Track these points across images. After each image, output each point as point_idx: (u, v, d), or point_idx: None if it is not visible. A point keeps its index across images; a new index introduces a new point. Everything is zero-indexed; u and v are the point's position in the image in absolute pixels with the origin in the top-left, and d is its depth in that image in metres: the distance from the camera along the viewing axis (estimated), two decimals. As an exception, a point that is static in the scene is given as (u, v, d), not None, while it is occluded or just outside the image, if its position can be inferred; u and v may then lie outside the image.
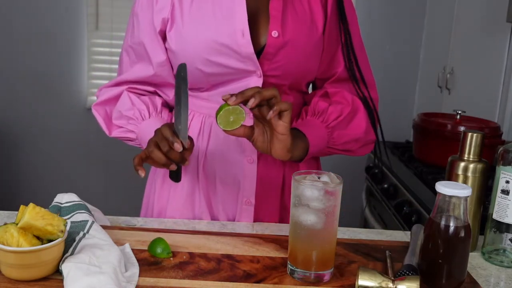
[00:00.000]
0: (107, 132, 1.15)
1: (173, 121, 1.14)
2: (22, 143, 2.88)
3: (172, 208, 1.16)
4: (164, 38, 1.09)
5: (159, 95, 1.17)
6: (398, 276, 0.84)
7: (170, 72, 1.12)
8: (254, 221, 1.13)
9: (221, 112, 0.90)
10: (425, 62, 2.78)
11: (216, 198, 1.14)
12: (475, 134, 0.98)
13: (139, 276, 0.83)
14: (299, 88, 1.15)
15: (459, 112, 1.77)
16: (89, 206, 1.00)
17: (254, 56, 1.04)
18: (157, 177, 1.20)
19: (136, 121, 1.11)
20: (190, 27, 1.05)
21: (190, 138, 0.97)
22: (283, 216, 1.16)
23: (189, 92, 1.14)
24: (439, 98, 2.47)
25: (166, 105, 1.17)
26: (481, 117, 1.83)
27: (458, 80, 2.29)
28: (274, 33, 1.05)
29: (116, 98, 1.15)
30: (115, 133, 1.15)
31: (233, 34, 1.03)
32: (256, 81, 1.07)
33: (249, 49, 1.03)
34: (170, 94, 1.15)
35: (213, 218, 1.15)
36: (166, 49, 1.10)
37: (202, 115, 1.13)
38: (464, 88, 2.25)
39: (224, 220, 1.14)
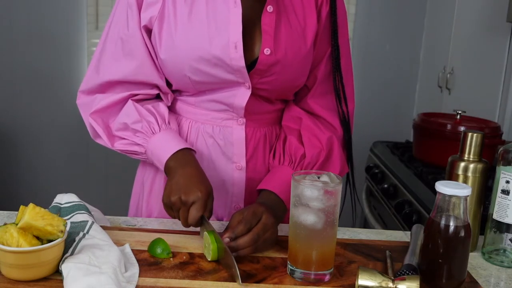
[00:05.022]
0: (109, 144, 1.07)
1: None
2: (22, 143, 2.88)
3: (162, 212, 1.13)
4: (148, 35, 1.05)
5: (159, 100, 1.11)
6: (398, 276, 0.84)
7: (153, 70, 1.06)
8: None
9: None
10: (425, 62, 2.77)
11: None
12: (475, 134, 0.97)
13: (139, 276, 0.83)
14: (286, 98, 1.15)
15: (459, 112, 1.77)
16: (88, 206, 1.00)
17: (245, 70, 1.02)
18: (146, 180, 1.18)
19: (146, 135, 1.05)
20: (182, 34, 1.02)
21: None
22: None
23: (176, 96, 1.13)
24: (439, 98, 2.47)
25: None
26: (481, 117, 1.82)
27: (458, 80, 2.29)
28: (267, 51, 1.03)
29: (113, 105, 1.07)
30: (118, 145, 1.07)
31: (226, 47, 1.00)
32: (244, 92, 1.06)
33: (241, 63, 1.01)
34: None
35: None
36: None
37: (189, 120, 1.11)
38: (464, 88, 2.25)
39: None
